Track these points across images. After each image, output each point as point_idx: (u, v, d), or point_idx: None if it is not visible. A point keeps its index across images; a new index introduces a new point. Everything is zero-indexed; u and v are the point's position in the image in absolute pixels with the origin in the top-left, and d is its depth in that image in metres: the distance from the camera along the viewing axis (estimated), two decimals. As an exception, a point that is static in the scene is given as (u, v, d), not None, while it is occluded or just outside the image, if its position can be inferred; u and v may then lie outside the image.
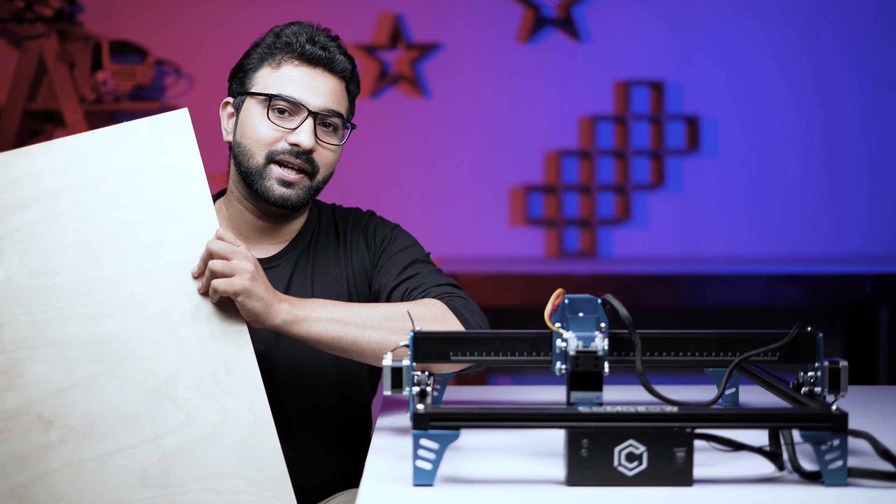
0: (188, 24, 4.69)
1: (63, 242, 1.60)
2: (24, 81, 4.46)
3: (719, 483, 1.33)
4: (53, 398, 1.56)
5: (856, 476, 1.31)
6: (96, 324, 1.58)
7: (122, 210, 1.63)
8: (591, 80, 4.74)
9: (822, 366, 1.47)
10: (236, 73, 1.87)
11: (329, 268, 1.88)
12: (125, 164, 1.65)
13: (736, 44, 4.72)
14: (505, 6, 4.73)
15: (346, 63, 1.86)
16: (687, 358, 1.54)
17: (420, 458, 1.29)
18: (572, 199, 4.76)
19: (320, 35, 1.86)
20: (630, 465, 1.29)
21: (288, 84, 1.80)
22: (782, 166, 4.72)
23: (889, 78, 4.70)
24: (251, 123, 1.80)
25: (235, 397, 1.59)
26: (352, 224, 1.94)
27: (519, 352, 1.50)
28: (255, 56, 1.85)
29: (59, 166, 1.65)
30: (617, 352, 1.51)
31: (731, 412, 1.33)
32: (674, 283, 4.10)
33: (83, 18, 4.63)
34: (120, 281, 1.60)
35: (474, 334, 1.50)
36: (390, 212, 2.09)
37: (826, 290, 4.06)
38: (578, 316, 1.41)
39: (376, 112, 4.71)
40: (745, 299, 4.09)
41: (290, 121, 1.80)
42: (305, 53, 1.82)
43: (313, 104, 1.80)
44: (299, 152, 1.79)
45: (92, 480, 1.55)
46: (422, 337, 1.48)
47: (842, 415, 1.29)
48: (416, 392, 1.39)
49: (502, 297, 4.08)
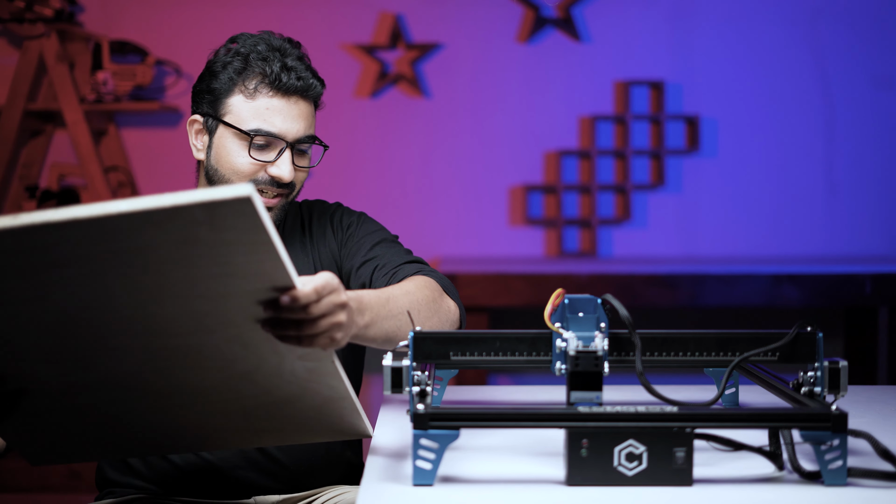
0: (188, 24, 4.69)
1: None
2: (24, 81, 4.46)
3: (719, 483, 1.33)
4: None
5: (856, 476, 1.31)
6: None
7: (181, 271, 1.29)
8: (591, 80, 4.74)
9: (822, 366, 1.47)
10: (204, 93, 1.83)
11: (296, 257, 1.89)
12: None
13: (736, 44, 4.72)
14: (505, 6, 4.73)
15: (319, 88, 1.85)
16: (687, 358, 1.54)
17: (420, 457, 1.29)
18: (572, 199, 4.76)
19: (290, 58, 1.83)
20: (630, 465, 1.29)
21: (266, 118, 1.79)
22: (782, 166, 4.72)
23: (889, 78, 4.70)
24: (228, 154, 1.80)
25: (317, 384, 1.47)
26: (317, 214, 1.96)
27: (519, 352, 1.50)
28: (223, 78, 1.81)
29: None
30: (617, 352, 1.51)
31: (730, 412, 1.34)
32: (674, 283, 4.10)
33: (83, 18, 4.63)
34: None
35: (475, 334, 1.50)
36: (390, 211, 2.09)
37: (826, 290, 4.06)
38: (578, 316, 1.42)
39: (376, 112, 4.71)
40: (745, 299, 4.09)
41: (267, 153, 1.80)
42: (281, 85, 1.79)
43: (290, 135, 1.80)
44: (280, 183, 1.80)
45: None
46: (422, 337, 1.49)
47: (841, 415, 1.29)
48: (416, 392, 1.39)
49: (502, 297, 4.08)
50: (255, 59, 1.80)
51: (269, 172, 1.79)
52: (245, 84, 1.79)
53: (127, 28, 4.65)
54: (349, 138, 4.70)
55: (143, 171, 4.71)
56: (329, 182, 4.59)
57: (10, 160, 4.50)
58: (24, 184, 4.58)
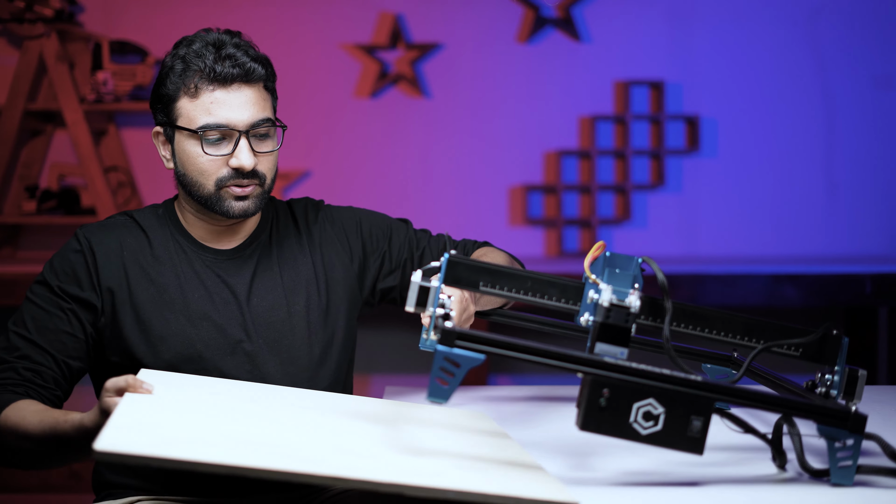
0: (188, 24, 4.68)
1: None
2: (24, 81, 4.46)
3: (724, 483, 1.33)
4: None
5: (865, 472, 1.31)
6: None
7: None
8: (590, 80, 4.74)
9: (843, 370, 1.46)
10: (157, 102, 1.85)
11: (294, 256, 1.91)
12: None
13: (736, 44, 4.72)
14: (505, 6, 4.73)
15: (260, 70, 1.82)
16: (712, 336, 1.50)
17: (440, 374, 1.26)
18: (572, 199, 4.76)
19: (226, 47, 1.81)
20: (646, 424, 1.27)
21: (210, 111, 1.78)
22: (782, 166, 4.72)
23: (889, 78, 4.70)
24: (189, 157, 1.80)
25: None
26: (311, 215, 1.97)
27: (548, 296, 1.47)
28: (169, 84, 1.81)
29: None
30: (645, 315, 1.48)
31: (755, 392, 1.31)
32: (674, 283, 4.10)
33: (83, 18, 4.63)
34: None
35: (507, 269, 1.48)
36: (390, 211, 2.09)
37: (826, 290, 4.05)
38: (615, 272, 1.40)
39: (376, 112, 4.71)
40: (745, 299, 4.08)
41: (224, 146, 1.79)
42: (218, 76, 1.79)
43: (241, 123, 1.79)
44: (244, 173, 1.80)
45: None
46: (455, 261, 1.46)
47: (861, 416, 1.29)
48: (441, 314, 1.38)
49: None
50: (192, 58, 1.80)
51: (231, 165, 1.79)
52: (187, 85, 1.80)
53: (127, 28, 4.64)
54: (349, 138, 4.70)
55: (142, 171, 4.71)
56: (329, 182, 4.59)
57: (10, 160, 4.50)
58: (24, 184, 4.58)
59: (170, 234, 1.87)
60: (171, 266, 1.83)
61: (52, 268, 1.82)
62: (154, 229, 1.86)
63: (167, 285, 1.82)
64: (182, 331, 1.80)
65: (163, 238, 1.86)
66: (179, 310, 1.81)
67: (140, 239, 1.85)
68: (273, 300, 1.86)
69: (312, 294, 1.89)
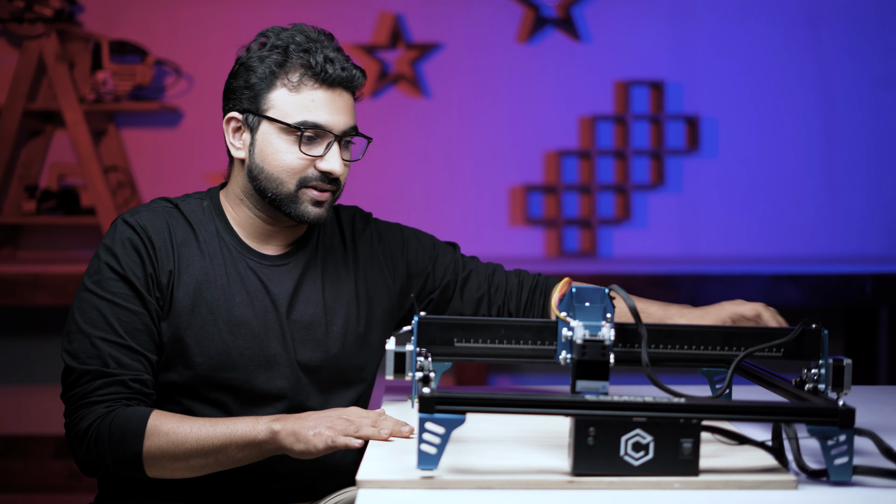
0: (188, 24, 4.69)
1: None
2: (24, 81, 4.46)
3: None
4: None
5: (860, 473, 1.30)
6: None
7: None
8: (590, 80, 4.74)
9: (827, 363, 1.46)
10: (242, 88, 1.76)
11: (338, 271, 1.84)
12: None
13: (736, 44, 4.72)
14: (505, 6, 4.73)
15: (361, 79, 1.81)
16: (691, 352, 1.53)
17: (425, 441, 1.27)
18: (572, 199, 4.76)
19: (329, 50, 1.78)
20: (636, 455, 1.27)
21: (312, 110, 1.73)
22: (782, 166, 4.72)
23: (889, 78, 4.70)
24: (276, 151, 1.73)
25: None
26: (359, 226, 1.91)
27: (524, 340, 1.48)
28: (262, 72, 1.74)
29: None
30: (622, 343, 1.49)
31: (739, 405, 1.31)
32: (674, 283, 4.10)
33: (83, 18, 4.63)
34: None
35: (479, 321, 1.48)
36: (390, 212, 2.09)
37: (826, 290, 4.05)
38: (585, 306, 1.40)
39: (376, 112, 4.71)
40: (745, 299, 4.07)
41: (315, 146, 1.74)
42: (327, 77, 1.75)
43: (337, 128, 1.76)
44: (329, 178, 1.75)
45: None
46: (426, 322, 1.46)
47: (849, 410, 1.29)
48: (420, 377, 1.38)
49: (502, 297, 4.08)
50: (296, 51, 1.75)
51: (319, 168, 1.73)
52: (288, 77, 1.74)
53: (127, 28, 4.64)
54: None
55: (142, 171, 4.71)
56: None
57: (10, 160, 4.50)
58: (23, 184, 4.58)
59: (215, 229, 1.76)
60: (217, 263, 1.74)
61: (118, 259, 1.68)
62: (200, 222, 1.76)
63: (210, 283, 1.72)
64: (219, 335, 1.71)
65: (209, 232, 1.76)
66: (220, 313, 1.72)
67: (186, 230, 1.74)
68: (312, 315, 1.78)
69: (352, 317, 1.82)
